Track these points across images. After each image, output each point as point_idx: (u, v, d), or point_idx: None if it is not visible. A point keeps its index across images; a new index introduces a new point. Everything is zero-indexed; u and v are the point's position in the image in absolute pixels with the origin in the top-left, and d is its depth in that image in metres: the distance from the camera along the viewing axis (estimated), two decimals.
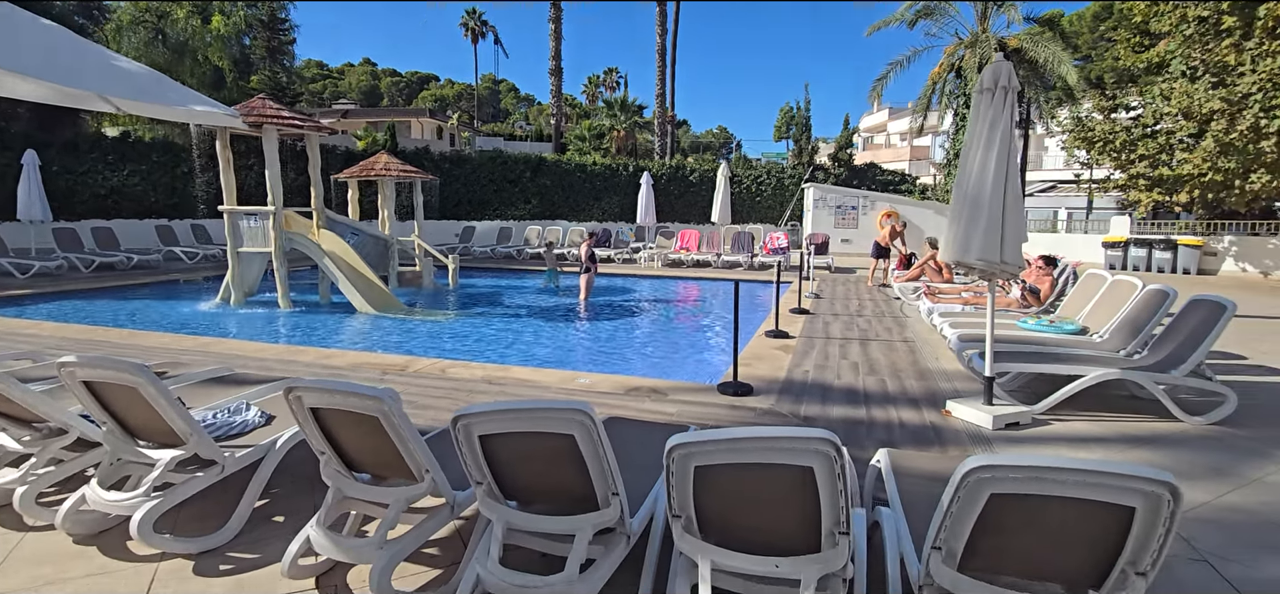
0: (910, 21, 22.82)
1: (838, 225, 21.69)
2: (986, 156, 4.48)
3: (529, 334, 9.20)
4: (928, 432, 4.50)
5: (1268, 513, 3.30)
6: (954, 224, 4.65)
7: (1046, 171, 37.94)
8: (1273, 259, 16.04)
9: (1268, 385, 5.79)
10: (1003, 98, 4.46)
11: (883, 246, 13.08)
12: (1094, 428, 4.63)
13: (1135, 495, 1.70)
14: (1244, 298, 11.78)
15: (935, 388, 5.60)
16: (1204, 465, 3.91)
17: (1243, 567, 2.80)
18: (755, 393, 5.30)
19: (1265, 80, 13.82)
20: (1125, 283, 6.11)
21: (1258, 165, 14.69)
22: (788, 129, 32.95)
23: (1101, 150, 17.89)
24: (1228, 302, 4.72)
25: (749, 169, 26.85)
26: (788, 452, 1.86)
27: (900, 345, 7.38)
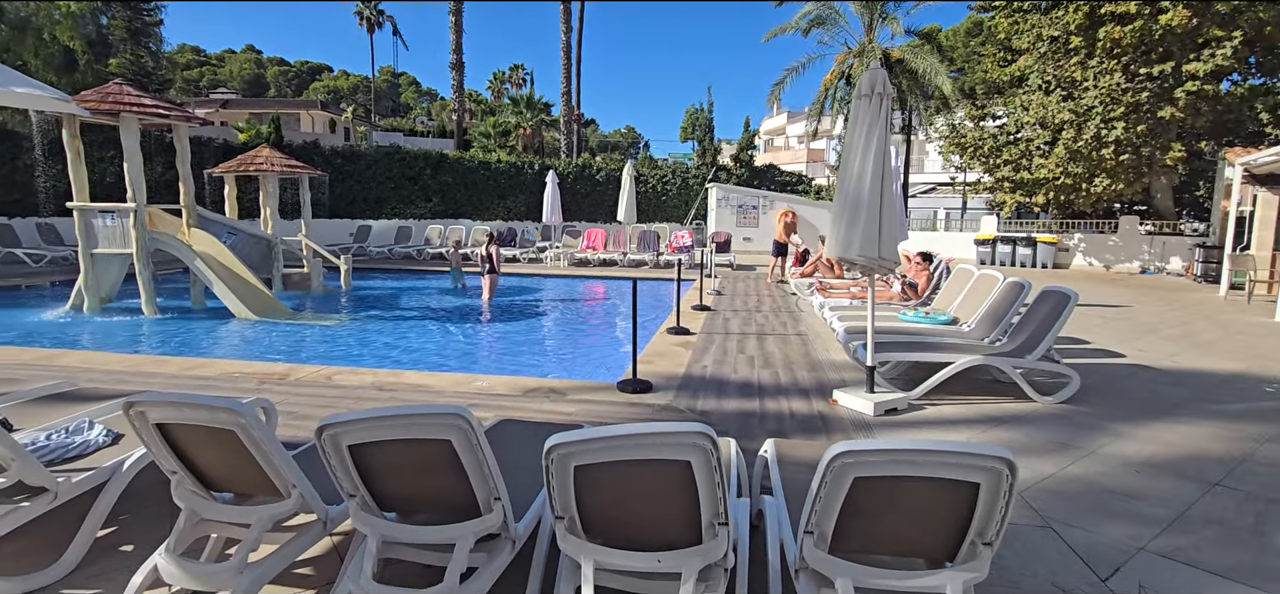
0: (804, 29, 23.91)
1: (740, 224, 22.38)
2: (865, 159, 4.75)
3: (427, 337, 8.86)
4: (816, 420, 4.71)
5: (1104, 481, 3.69)
6: (837, 223, 4.90)
7: (928, 175, 40.87)
8: (1113, 254, 18.08)
9: (1105, 366, 6.49)
10: (879, 103, 4.74)
11: (781, 244, 13.62)
12: (962, 410, 5.01)
13: (979, 472, 1.83)
14: (1089, 288, 13.21)
15: (825, 378, 5.87)
16: (1051, 440, 4.32)
17: (1084, 531, 3.11)
18: (654, 389, 5.36)
19: (1104, 95, 15.55)
20: (989, 277, 6.67)
21: (1100, 171, 16.50)
22: (693, 130, 33.69)
23: (972, 155, 19.50)
24: (1072, 292, 5.25)
25: (655, 169, 27.19)
26: (665, 447, 1.87)
27: (794, 339, 7.70)
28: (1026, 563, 2.82)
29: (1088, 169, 16.56)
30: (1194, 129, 15.95)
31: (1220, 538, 3.05)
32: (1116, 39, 15.15)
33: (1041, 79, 17.56)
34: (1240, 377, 6.13)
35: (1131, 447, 4.21)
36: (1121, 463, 3.94)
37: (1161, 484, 3.64)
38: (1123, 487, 3.60)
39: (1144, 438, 4.37)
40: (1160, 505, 3.37)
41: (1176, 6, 14.05)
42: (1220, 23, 14.17)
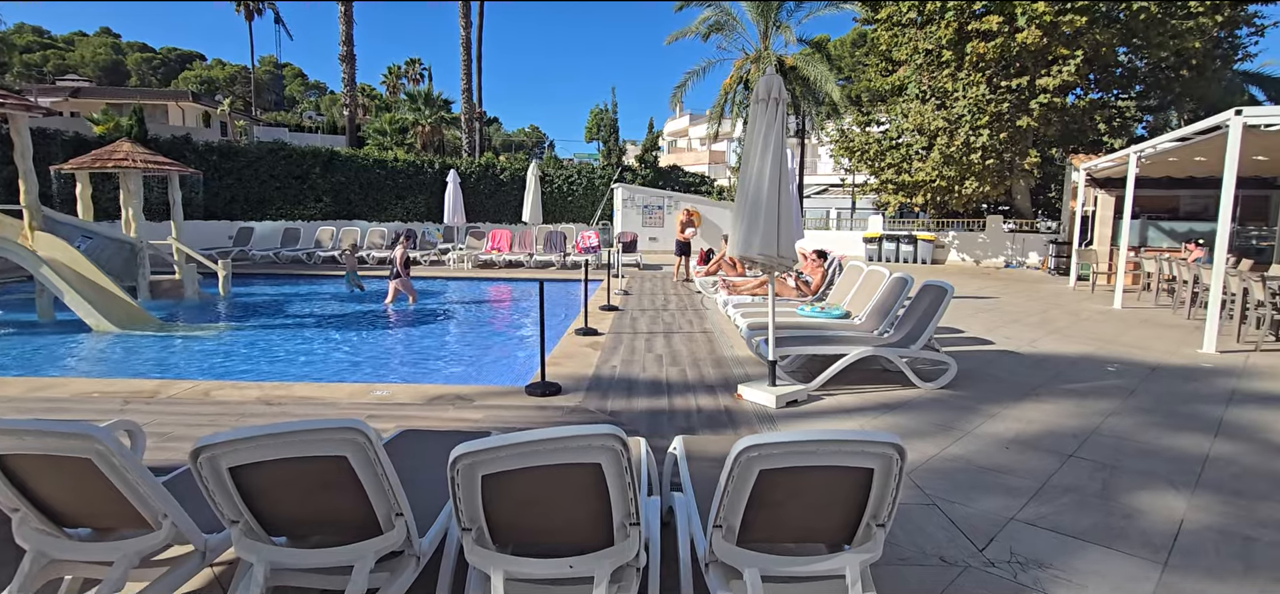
0: (703, 34, 24.54)
1: (646, 224, 22.63)
2: (763, 161, 4.93)
3: (320, 347, 8.33)
4: (722, 416, 4.84)
5: (979, 459, 4.03)
6: (738, 223, 5.06)
7: (821, 176, 43.11)
8: (982, 250, 19.83)
9: (978, 353, 7.10)
10: (775, 108, 4.93)
11: (683, 244, 13.90)
12: (856, 399, 5.31)
13: (872, 458, 1.95)
14: (962, 281, 14.41)
15: (730, 374, 6.05)
16: (934, 424, 4.67)
17: (963, 506, 3.38)
18: (563, 392, 5.31)
19: (972, 105, 17.01)
20: (876, 273, 7.12)
21: (969, 174, 18.03)
22: (598, 130, 33.77)
23: (859, 159, 20.75)
24: (948, 286, 5.70)
25: (560, 169, 26.98)
26: (575, 451, 1.85)
27: (700, 337, 7.88)
28: (914, 539, 3.02)
29: (959, 172, 18.05)
30: (1046, 137, 17.77)
31: (1075, 504, 3.40)
32: (981, 54, 16.61)
33: (918, 89, 18.95)
34: (1088, 358, 6.89)
35: (1001, 426, 4.62)
36: (994, 441, 4.32)
37: (1027, 459, 4.02)
38: (995, 463, 3.95)
39: (1011, 417, 4.82)
40: (1026, 478, 3.72)
41: (1030, 27, 15.59)
42: (1066, 43, 15.86)
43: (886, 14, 19.00)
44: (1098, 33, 15.72)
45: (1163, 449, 4.20)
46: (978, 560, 2.85)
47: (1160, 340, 7.88)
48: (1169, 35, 15.49)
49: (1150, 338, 8.05)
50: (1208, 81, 17.78)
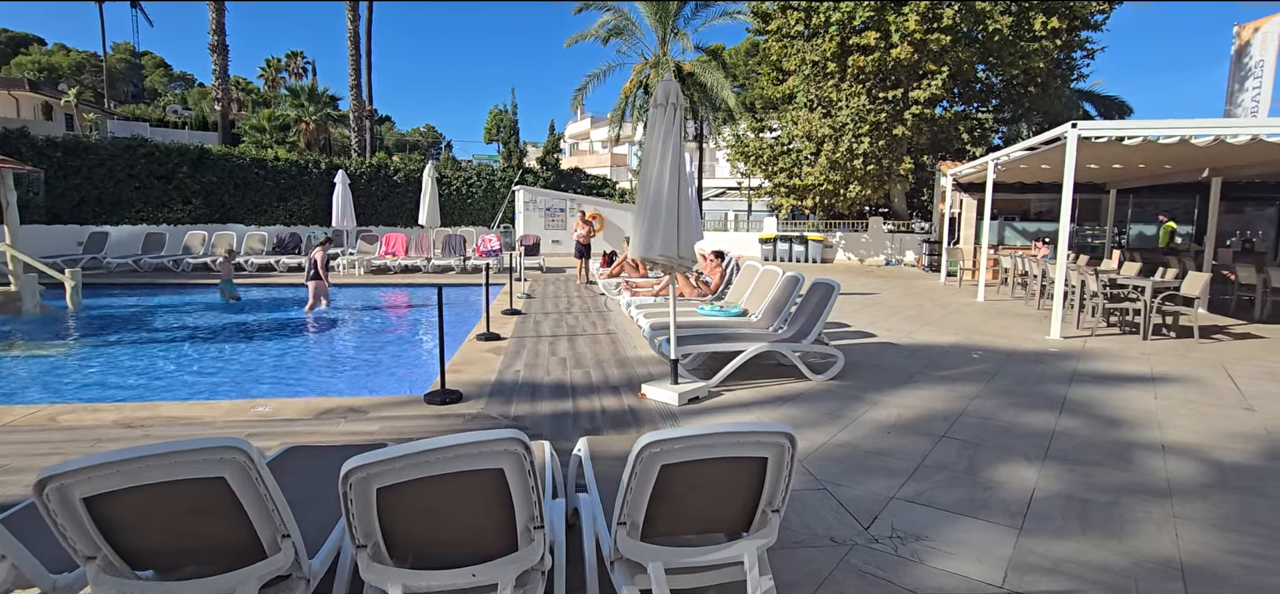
0: (603, 38, 24.68)
1: (548, 227, 22.45)
2: (663, 165, 5.04)
3: (192, 362, 7.64)
4: (627, 415, 4.90)
5: (864, 444, 4.32)
6: (639, 225, 5.14)
7: (719, 179, 44.47)
8: (865, 249, 21.23)
9: (863, 345, 7.60)
10: (673, 113, 5.06)
11: (583, 245, 13.92)
12: (754, 393, 5.54)
13: (766, 447, 2.05)
14: (848, 279, 15.37)
15: (633, 374, 6.13)
16: (824, 413, 4.96)
17: (850, 489, 3.61)
18: (465, 399, 5.18)
19: (854, 114, 18.17)
20: (770, 272, 7.45)
21: (853, 178, 19.24)
22: (497, 131, 33.02)
23: (754, 163, 21.63)
24: (835, 284, 6.07)
25: (459, 170, 26.22)
26: (475, 457, 1.83)
27: (604, 338, 7.92)
28: (807, 522, 3.21)
29: (844, 177, 19.24)
30: (919, 145, 19.31)
31: (947, 480, 3.73)
32: (861, 67, 17.79)
33: (806, 98, 20.01)
34: (957, 346, 7.56)
35: (883, 413, 4.98)
36: (876, 427, 4.65)
37: (905, 441, 4.36)
38: (878, 447, 4.25)
39: (892, 404, 5.20)
40: (905, 459, 4.04)
41: (903, 44, 16.87)
42: (933, 59, 17.30)
43: (776, 26, 19.91)
44: (960, 51, 17.25)
45: (1018, 427, 4.69)
46: (863, 538, 3.06)
47: (1016, 328, 8.77)
48: (1019, 56, 17.26)
49: (1008, 326, 8.95)
50: (1051, 98, 19.97)
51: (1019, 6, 16.53)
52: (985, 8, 16.29)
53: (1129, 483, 3.71)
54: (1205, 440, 4.42)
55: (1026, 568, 2.80)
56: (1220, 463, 4.03)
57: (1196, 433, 4.57)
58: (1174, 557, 2.91)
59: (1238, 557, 2.91)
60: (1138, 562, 2.87)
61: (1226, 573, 2.78)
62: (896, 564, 2.84)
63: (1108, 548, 2.98)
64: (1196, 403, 5.32)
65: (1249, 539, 3.07)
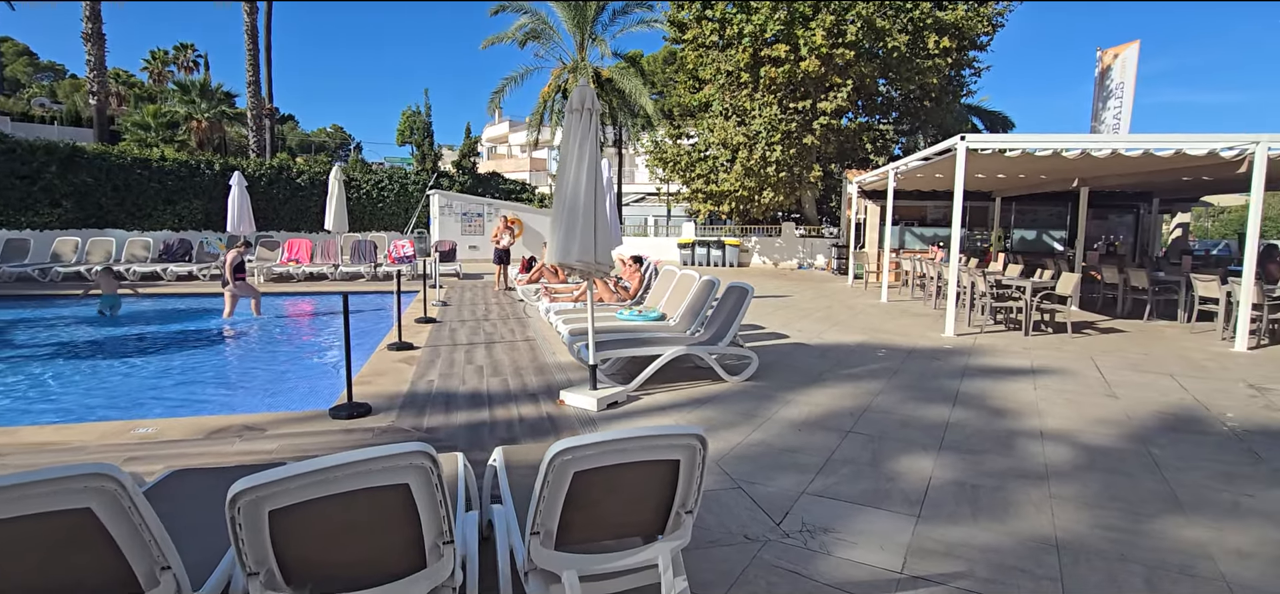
0: (520, 41, 24.39)
1: (465, 232, 21.92)
2: (579, 170, 5.03)
3: (60, 381, 6.92)
4: (545, 422, 4.84)
5: (777, 443, 4.46)
6: (556, 230, 5.11)
7: (638, 185, 44.84)
8: (779, 253, 22.00)
9: (776, 346, 7.87)
10: (589, 118, 5.06)
11: (502, 252, 13.69)
12: (672, 396, 5.61)
13: (678, 450, 2.08)
14: (763, 282, 15.87)
15: (552, 381, 6.07)
16: (740, 413, 5.09)
17: (763, 486, 3.72)
18: (374, 412, 4.96)
19: (767, 123, 18.82)
20: (688, 276, 7.59)
21: (767, 185, 19.92)
22: (411, 133, 31.84)
23: (672, 169, 21.97)
24: (749, 287, 6.25)
25: (369, 173, 25.13)
26: (379, 473, 1.75)
27: (522, 345, 7.81)
28: (722, 520, 3.28)
29: (758, 183, 19.88)
30: (827, 154, 20.25)
31: (853, 474, 3.92)
32: (773, 78, 18.46)
33: (722, 106, 20.56)
34: (863, 345, 7.95)
35: (795, 411, 5.17)
36: (788, 425, 4.81)
37: (815, 438, 4.54)
38: (790, 444, 4.41)
39: (803, 402, 5.41)
40: (814, 456, 4.20)
41: (811, 57, 17.65)
42: (839, 73, 18.19)
43: (692, 35, 20.33)
44: (863, 66, 18.23)
45: (917, 420, 4.99)
46: (775, 534, 3.16)
47: (915, 327, 9.34)
48: (915, 72, 18.44)
49: (908, 326, 9.51)
50: (944, 111, 21.44)
51: (915, 26, 17.65)
52: (885, 26, 17.29)
53: (1013, 468, 4.02)
54: (1076, 426, 4.86)
55: (923, 553, 2.98)
56: (1089, 446, 4.43)
57: (1069, 420, 5.02)
58: (1050, 535, 3.17)
59: (1103, 530, 3.21)
60: (1020, 541, 3.11)
61: (1094, 546, 3.06)
62: (806, 557, 2.95)
63: (994, 530, 3.22)
64: (1069, 392, 5.84)
65: (1112, 514, 3.39)
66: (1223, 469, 4.03)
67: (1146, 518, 3.35)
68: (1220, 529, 3.24)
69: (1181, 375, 6.51)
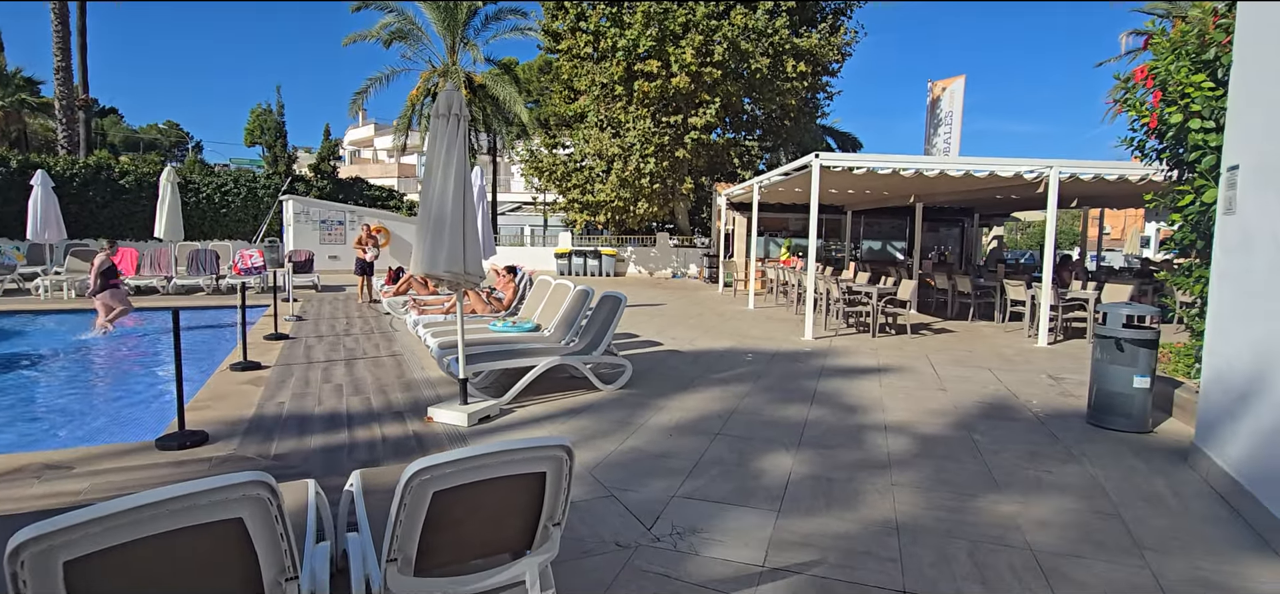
0: (386, 41, 23.20)
1: (324, 241, 20.41)
2: (446, 177, 4.85)
3: None
4: (410, 442, 4.60)
5: (650, 448, 4.55)
6: (422, 240, 4.89)
7: (514, 194, 44.11)
8: (654, 263, 22.53)
9: (650, 354, 8.03)
10: (456, 124, 4.90)
11: (365, 262, 12.92)
12: (547, 407, 5.55)
13: (544, 462, 2.06)
14: (638, 291, 16.17)
15: (420, 397, 5.79)
16: (614, 421, 5.13)
17: (636, 493, 3.77)
18: (212, 440, 4.47)
19: (641, 136, 19.25)
20: (562, 286, 7.56)
21: (641, 196, 20.34)
22: (261, 133, 29.03)
23: (548, 179, 21.84)
24: (622, 296, 6.34)
25: (211, 176, 22.74)
26: (205, 509, 1.58)
27: (388, 360, 7.39)
28: (594, 529, 3.28)
29: (633, 194, 20.26)
30: (698, 167, 21.05)
31: (721, 474, 4.08)
32: (646, 92, 18.93)
33: (597, 117, 20.75)
34: (731, 350, 8.32)
35: (667, 417, 5.30)
36: (661, 431, 4.92)
37: (686, 442, 4.68)
38: (662, 450, 4.51)
39: (675, 408, 5.56)
40: (685, 459, 4.33)
41: (681, 74, 18.30)
42: (707, 90, 19.00)
43: (567, 46, 20.36)
44: (729, 85, 19.18)
45: (780, 419, 5.29)
46: (646, 539, 3.21)
47: (779, 331, 9.92)
48: (776, 93, 19.67)
49: (773, 330, 10.09)
50: (803, 131, 23.04)
51: (775, 50, 18.83)
52: (749, 49, 18.29)
53: (861, 460, 4.38)
54: (914, 418, 5.38)
55: (783, 545, 3.16)
56: (924, 435, 4.93)
57: (908, 412, 5.55)
58: (892, 519, 3.48)
59: (935, 511, 3.58)
60: (867, 527, 3.39)
61: (928, 526, 3.40)
62: (676, 559, 3.02)
63: (845, 518, 3.48)
64: (908, 388, 6.46)
65: (943, 496, 3.79)
66: (1029, 449, 4.64)
67: (970, 497, 3.78)
68: (1027, 502, 3.72)
69: (997, 369, 7.43)
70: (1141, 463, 4.39)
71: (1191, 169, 5.01)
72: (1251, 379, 3.58)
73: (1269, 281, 3.48)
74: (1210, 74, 4.70)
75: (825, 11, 20.75)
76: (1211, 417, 4.06)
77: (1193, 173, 4.98)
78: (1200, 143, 4.72)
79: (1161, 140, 5.25)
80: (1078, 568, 2.99)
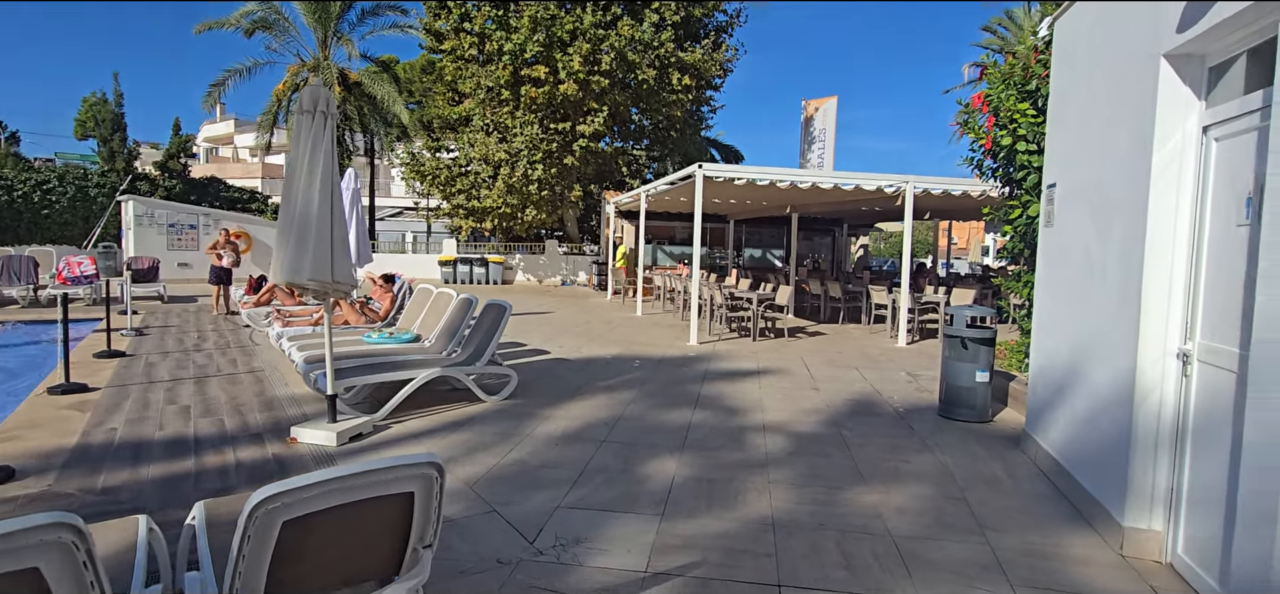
0: (247, 30, 21.33)
1: (173, 247, 18.39)
2: (311, 178, 4.51)
3: None
4: (270, 466, 4.22)
5: (533, 460, 4.45)
6: (283, 246, 4.51)
7: (396, 199, 42.05)
8: (543, 270, 22.29)
9: (537, 363, 7.91)
10: (323, 121, 4.57)
11: (222, 270, 11.79)
12: (426, 422, 5.29)
13: (411, 481, 1.94)
14: (526, 299, 15.92)
15: (283, 416, 5.34)
16: (497, 434, 4.99)
17: (518, 507, 3.67)
18: (19, 476, 3.86)
19: (528, 142, 19.00)
20: (445, 295, 7.27)
21: (529, 203, 20.06)
22: (95, 125, 25.55)
23: (431, 183, 21.01)
24: (507, 304, 6.19)
25: (29, 172, 19.84)
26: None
27: (247, 378, 6.76)
28: (475, 547, 3.16)
29: (521, 201, 19.94)
30: (587, 174, 21.09)
31: (605, 482, 4.06)
32: (533, 97, 18.72)
33: (483, 121, 20.24)
34: (619, 357, 8.37)
35: (553, 426, 5.22)
36: (546, 441, 4.84)
37: (571, 451, 4.63)
38: (547, 461, 4.43)
39: (561, 417, 5.49)
40: (570, 468, 4.28)
41: (569, 81, 18.27)
42: (596, 98, 19.11)
43: (450, 46, 19.72)
44: (617, 94, 19.39)
45: (664, 424, 5.37)
46: (529, 553, 3.13)
47: (665, 338, 10.12)
48: (662, 104, 20.13)
49: (660, 336, 10.26)
50: (688, 142, 23.73)
51: (661, 62, 19.28)
52: (636, 59, 18.59)
53: (742, 460, 4.54)
54: (790, 417, 5.66)
55: (666, 549, 3.20)
56: (799, 434, 5.19)
57: (784, 412, 5.83)
58: (769, 515, 3.63)
59: (808, 506, 3.77)
60: (745, 525, 3.50)
61: (801, 520, 3.57)
62: (559, 571, 2.97)
63: (725, 518, 3.58)
64: (785, 388, 6.79)
65: (815, 490, 4.00)
66: (890, 442, 5.02)
67: (839, 489, 4.02)
68: (888, 492, 4.01)
69: (863, 368, 7.99)
70: (983, 449, 4.87)
71: (1020, 186, 5.66)
72: (1068, 372, 4.08)
73: (1081, 287, 3.99)
74: (1033, 103, 5.34)
75: (708, 28, 21.52)
76: (1038, 406, 4.59)
77: (1021, 190, 5.62)
78: (1026, 163, 5.35)
79: (996, 160, 5.89)
80: (931, 549, 3.25)
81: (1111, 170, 3.59)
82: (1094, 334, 3.75)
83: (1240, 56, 2.88)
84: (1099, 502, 3.48)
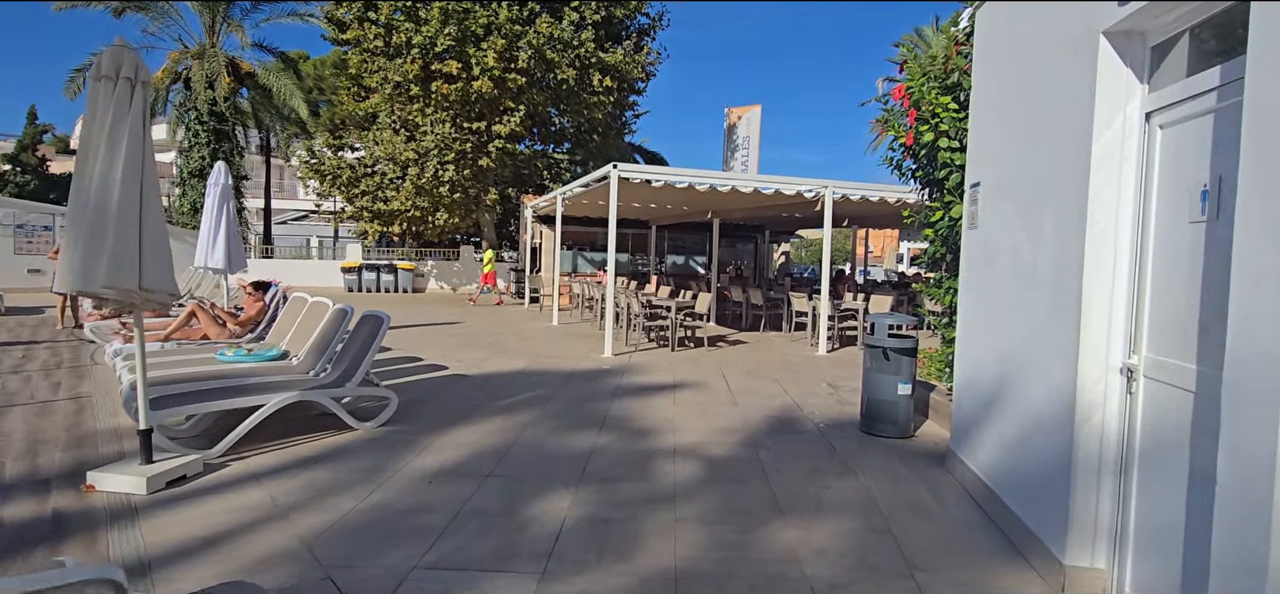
0: (115, 11, 19.15)
1: (21, 251, 16.16)
2: (112, 161, 3.62)
3: None
4: (42, 527, 3.29)
5: (399, 502, 3.71)
6: (72, 245, 3.59)
7: (300, 201, 39.39)
8: (458, 278, 21.14)
9: (430, 380, 7.09)
10: (128, 90, 3.69)
11: None
12: (276, 457, 4.43)
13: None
14: (436, 308, 14.88)
15: (93, 456, 4.35)
16: (361, 471, 4.19)
17: (364, 569, 2.94)
18: None
19: (439, 141, 17.91)
20: (319, 305, 6.34)
21: (441, 206, 18.94)
22: None
23: (332, 184, 19.50)
24: (384, 316, 5.38)
25: None
26: None
27: (64, 406, 5.64)
28: None
29: (432, 203, 18.79)
30: (504, 177, 20.14)
31: (481, 530, 3.38)
32: (445, 95, 17.66)
33: (391, 118, 18.97)
34: (524, 372, 7.66)
35: (432, 458, 4.48)
36: (419, 478, 4.10)
37: (447, 490, 3.91)
38: (415, 503, 3.70)
39: (444, 446, 4.75)
40: (441, 514, 3.56)
41: (484, 78, 17.36)
42: (512, 97, 18.26)
43: (354, 37, 18.39)
44: (536, 94, 18.62)
45: (563, 451, 4.73)
46: None
47: (579, 349, 9.47)
48: (583, 106, 19.50)
49: (573, 348, 9.61)
50: (611, 146, 23.18)
51: (582, 62, 18.67)
52: (555, 58, 17.89)
53: (646, 494, 3.96)
54: (705, 438, 5.14)
55: None
56: (712, 458, 4.67)
57: (699, 432, 5.31)
58: (671, 566, 3.05)
59: (717, 551, 3.22)
60: (642, 580, 2.91)
61: (707, 569, 3.02)
62: None
63: (619, 571, 2.98)
64: (701, 403, 6.29)
65: (727, 529, 3.47)
66: (810, 465, 4.57)
67: (754, 527, 3.50)
68: (808, 527, 3.53)
69: (783, 378, 7.62)
70: (907, 469, 4.50)
71: (941, 187, 5.40)
72: (997, 386, 3.73)
73: (1008, 291, 3.66)
74: (954, 97, 5.08)
75: (630, 30, 21.09)
76: (964, 422, 4.25)
77: (943, 191, 5.36)
78: (948, 161, 5.07)
79: (917, 159, 5.62)
80: None
81: (1043, 164, 3.25)
82: (1026, 343, 3.40)
83: (1184, 34, 2.56)
84: (1036, 535, 3.11)
